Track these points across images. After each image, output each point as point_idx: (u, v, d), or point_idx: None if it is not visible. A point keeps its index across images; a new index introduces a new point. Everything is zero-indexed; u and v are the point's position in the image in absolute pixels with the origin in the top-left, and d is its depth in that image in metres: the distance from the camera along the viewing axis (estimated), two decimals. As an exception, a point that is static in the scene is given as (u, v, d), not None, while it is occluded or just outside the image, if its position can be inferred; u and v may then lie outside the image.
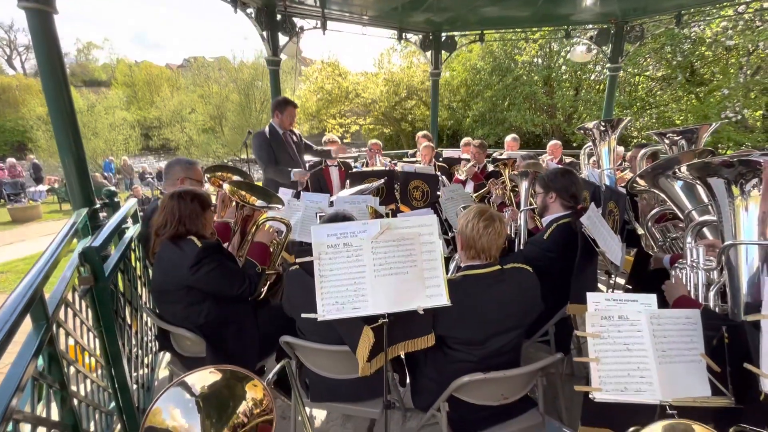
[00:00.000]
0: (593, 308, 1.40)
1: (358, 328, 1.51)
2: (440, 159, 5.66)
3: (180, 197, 1.97)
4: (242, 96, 24.83)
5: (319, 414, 2.48)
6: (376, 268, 1.48)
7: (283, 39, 5.20)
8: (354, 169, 4.79)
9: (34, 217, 11.55)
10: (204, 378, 0.78)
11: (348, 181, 4.28)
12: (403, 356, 2.08)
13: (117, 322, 2.05)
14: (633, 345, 1.36)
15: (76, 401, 1.69)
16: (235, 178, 2.91)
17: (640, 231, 2.66)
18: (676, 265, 2.19)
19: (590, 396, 1.35)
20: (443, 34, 6.45)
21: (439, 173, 4.44)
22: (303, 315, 1.49)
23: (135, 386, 2.25)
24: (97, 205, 2.58)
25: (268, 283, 2.44)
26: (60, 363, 1.52)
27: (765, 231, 1.84)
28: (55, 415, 1.53)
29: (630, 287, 3.07)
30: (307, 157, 4.28)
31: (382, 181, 3.98)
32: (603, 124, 4.37)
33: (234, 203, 2.33)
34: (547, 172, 2.34)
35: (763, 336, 1.19)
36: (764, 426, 1.44)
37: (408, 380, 2.07)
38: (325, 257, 1.48)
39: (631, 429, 1.08)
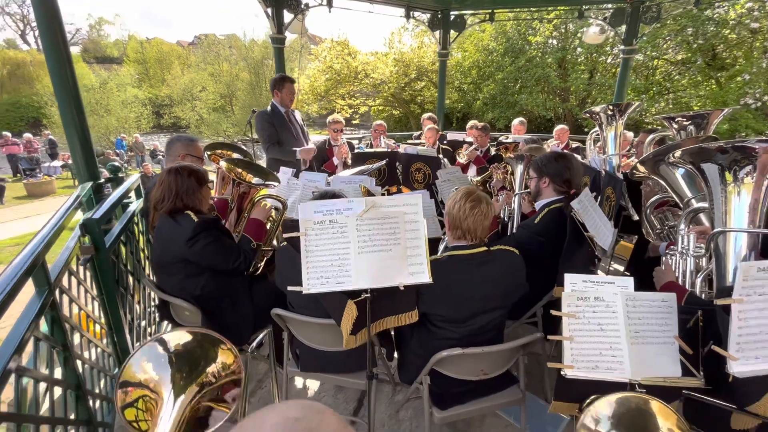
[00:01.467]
0: (570, 289, 1.43)
1: (342, 302, 1.56)
2: (445, 142, 5.63)
3: (177, 172, 2.02)
4: (252, 75, 24.72)
5: (313, 384, 2.58)
6: (361, 245, 1.52)
7: (288, 16, 5.14)
8: (356, 150, 4.80)
9: (49, 192, 11.85)
10: (180, 337, 0.84)
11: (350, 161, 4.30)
12: (392, 332, 2.16)
13: (119, 292, 2.15)
14: (607, 325, 1.40)
15: (80, 363, 1.80)
16: (235, 155, 2.96)
17: (636, 217, 2.64)
18: (666, 251, 2.20)
19: (562, 373, 1.39)
20: (452, 12, 6.27)
21: (441, 156, 4.43)
22: (289, 288, 1.56)
23: (138, 353, 2.37)
24: (102, 180, 2.66)
25: (265, 259, 2.51)
26: (62, 326, 1.62)
27: (755, 219, 1.84)
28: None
29: (628, 274, 3.08)
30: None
31: (384, 162, 3.99)
32: (611, 108, 4.28)
33: (231, 180, 2.38)
34: (542, 156, 2.33)
35: (732, 320, 1.21)
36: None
37: (396, 355, 2.15)
38: (311, 233, 1.53)
39: (589, 399, 1.12)
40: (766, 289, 1.21)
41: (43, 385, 1.45)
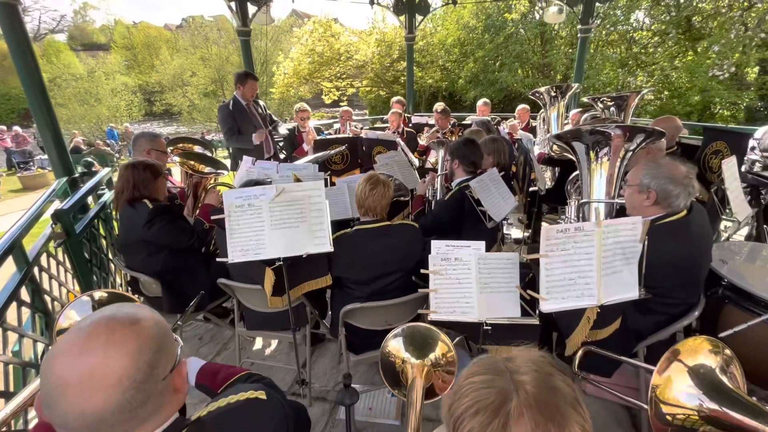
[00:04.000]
0: (435, 252, 1.80)
1: (261, 269, 1.95)
2: (410, 125, 5.92)
3: (134, 167, 2.37)
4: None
5: (272, 344, 3.01)
6: (273, 223, 1.89)
7: (252, 8, 5.34)
8: (320, 137, 5.11)
9: (43, 185, 12.13)
10: (101, 294, 1.22)
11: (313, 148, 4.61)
12: (328, 297, 2.55)
13: (93, 271, 2.54)
14: (463, 279, 1.78)
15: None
16: (197, 148, 3.30)
17: (543, 192, 2.99)
18: (558, 219, 2.57)
19: (428, 318, 1.78)
20: (417, -4, 6.44)
21: (398, 139, 4.74)
22: (218, 259, 1.94)
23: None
24: (76, 174, 3.00)
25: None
26: (42, 297, 2.01)
27: (611, 191, 2.20)
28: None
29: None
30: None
31: (343, 147, 4.32)
32: (553, 89, 4.58)
33: (185, 173, 2.73)
34: (454, 142, 2.66)
35: (541, 271, 1.59)
36: (557, 337, 1.89)
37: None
38: (234, 215, 1.90)
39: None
40: (567, 245, 1.58)
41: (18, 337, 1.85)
